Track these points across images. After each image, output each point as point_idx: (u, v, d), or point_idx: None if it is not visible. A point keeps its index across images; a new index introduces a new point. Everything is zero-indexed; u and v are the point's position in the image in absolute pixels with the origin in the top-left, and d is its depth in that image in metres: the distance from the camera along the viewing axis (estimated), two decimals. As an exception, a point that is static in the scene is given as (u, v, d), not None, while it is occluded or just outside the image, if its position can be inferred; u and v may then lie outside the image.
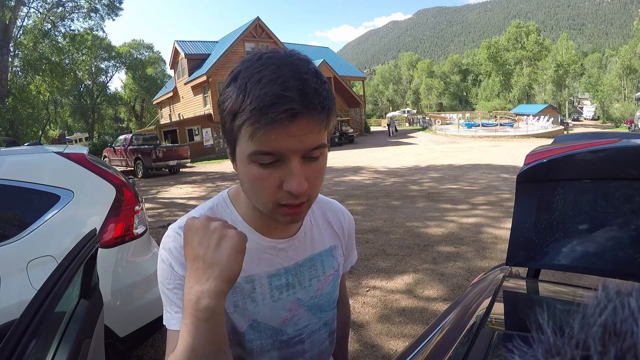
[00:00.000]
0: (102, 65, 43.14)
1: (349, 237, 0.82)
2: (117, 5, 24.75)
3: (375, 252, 4.26)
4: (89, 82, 42.85)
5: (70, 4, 23.22)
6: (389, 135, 28.38)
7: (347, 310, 0.94)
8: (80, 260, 1.17)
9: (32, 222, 1.85)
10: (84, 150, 2.24)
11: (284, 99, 0.49)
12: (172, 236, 0.64)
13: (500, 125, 28.37)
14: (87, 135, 41.41)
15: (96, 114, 43.65)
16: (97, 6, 24.14)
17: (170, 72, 28.18)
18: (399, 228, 5.13)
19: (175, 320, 0.61)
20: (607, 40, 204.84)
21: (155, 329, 2.13)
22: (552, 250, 1.18)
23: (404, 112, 54.86)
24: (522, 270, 1.32)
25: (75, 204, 1.94)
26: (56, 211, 1.89)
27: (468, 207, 6.18)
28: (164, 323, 0.64)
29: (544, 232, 1.20)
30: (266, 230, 0.68)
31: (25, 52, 21.67)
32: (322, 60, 24.18)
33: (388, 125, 30.16)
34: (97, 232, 1.41)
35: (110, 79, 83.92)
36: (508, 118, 33.05)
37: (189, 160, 15.73)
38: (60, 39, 24.06)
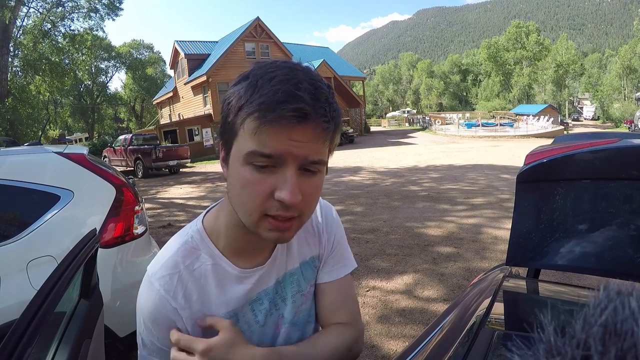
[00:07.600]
0: (102, 65, 43.19)
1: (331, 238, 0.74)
2: (117, 5, 24.74)
3: (375, 252, 4.26)
4: (89, 82, 42.83)
5: (70, 4, 23.20)
6: None
7: None
8: (80, 261, 1.16)
9: (32, 222, 1.85)
10: (84, 150, 2.24)
11: (295, 98, 0.47)
12: (148, 291, 0.61)
13: (500, 125, 28.30)
14: (87, 135, 41.37)
15: (96, 114, 43.63)
16: (97, 6, 24.14)
17: (170, 72, 28.19)
18: (399, 228, 5.13)
19: None
20: (607, 40, 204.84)
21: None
22: (552, 250, 1.18)
23: (404, 112, 54.80)
24: (522, 270, 1.31)
25: (75, 204, 1.94)
26: (56, 211, 1.89)
27: (468, 207, 6.18)
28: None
29: (544, 232, 1.20)
30: (244, 258, 0.64)
31: (25, 52, 21.65)
32: (322, 60, 24.03)
33: None
34: (97, 232, 1.40)
35: (110, 79, 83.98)
36: (508, 118, 33.01)
37: (189, 160, 15.74)
38: (60, 39, 24.03)
